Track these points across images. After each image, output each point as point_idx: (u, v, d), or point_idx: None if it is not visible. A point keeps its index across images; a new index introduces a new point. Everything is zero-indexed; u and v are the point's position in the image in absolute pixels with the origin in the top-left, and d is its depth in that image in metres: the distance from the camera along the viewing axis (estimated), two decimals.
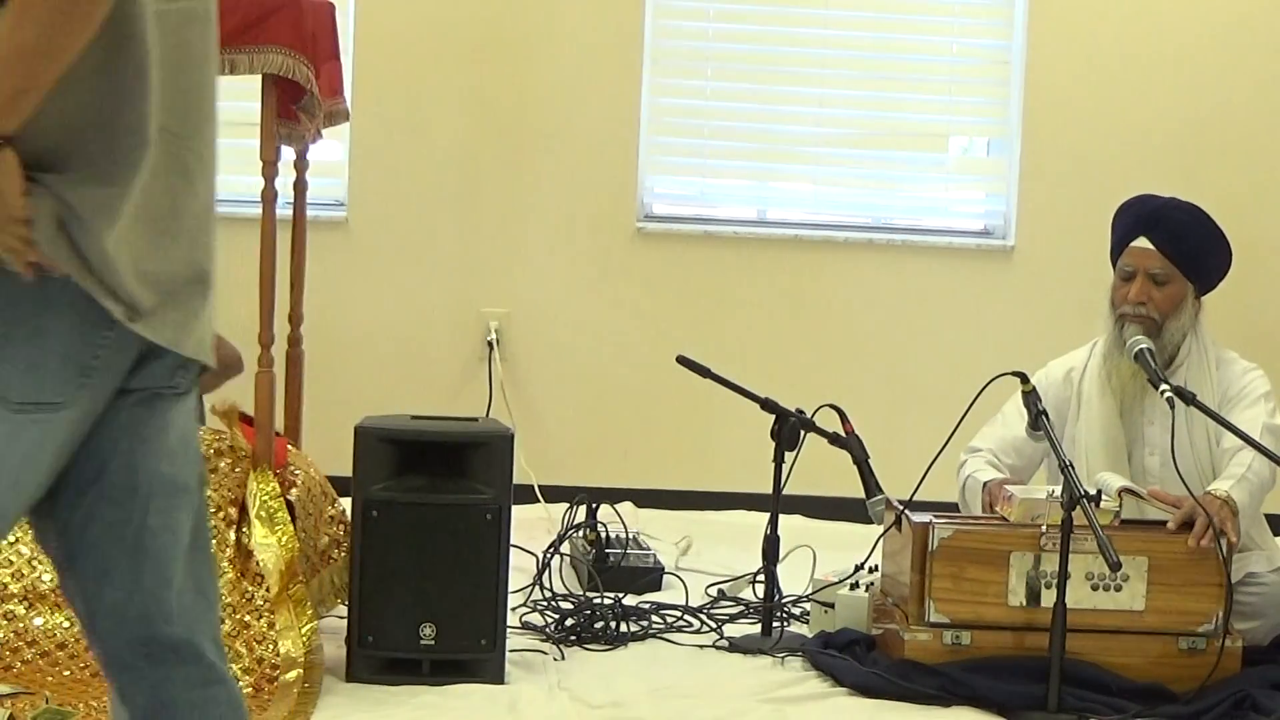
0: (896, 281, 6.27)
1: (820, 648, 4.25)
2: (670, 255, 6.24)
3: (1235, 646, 4.06)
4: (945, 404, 4.56)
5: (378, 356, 6.14)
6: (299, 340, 4.83)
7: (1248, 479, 4.17)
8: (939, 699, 3.95)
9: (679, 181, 6.40)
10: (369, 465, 4.01)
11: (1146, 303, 4.35)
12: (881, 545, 4.37)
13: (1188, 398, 4.15)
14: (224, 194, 6.57)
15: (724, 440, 6.09)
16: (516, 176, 6.16)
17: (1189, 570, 4.05)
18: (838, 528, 5.64)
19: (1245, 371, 4.42)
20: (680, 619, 4.62)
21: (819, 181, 6.38)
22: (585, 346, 6.22)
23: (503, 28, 6.13)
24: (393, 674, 3.99)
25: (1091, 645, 4.00)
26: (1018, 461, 4.47)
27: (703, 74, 6.27)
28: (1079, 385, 4.48)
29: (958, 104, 6.36)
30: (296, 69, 4.15)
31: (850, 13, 6.26)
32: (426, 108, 6.13)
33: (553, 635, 4.41)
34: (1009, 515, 4.13)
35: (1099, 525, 3.85)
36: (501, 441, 4.05)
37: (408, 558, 3.97)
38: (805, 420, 4.50)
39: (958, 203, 6.49)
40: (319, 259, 5.38)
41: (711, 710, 3.91)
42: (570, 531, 5.02)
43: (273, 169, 4.27)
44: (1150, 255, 4.37)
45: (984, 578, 4.03)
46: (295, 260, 4.80)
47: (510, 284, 6.19)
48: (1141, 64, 6.22)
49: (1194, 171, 5.97)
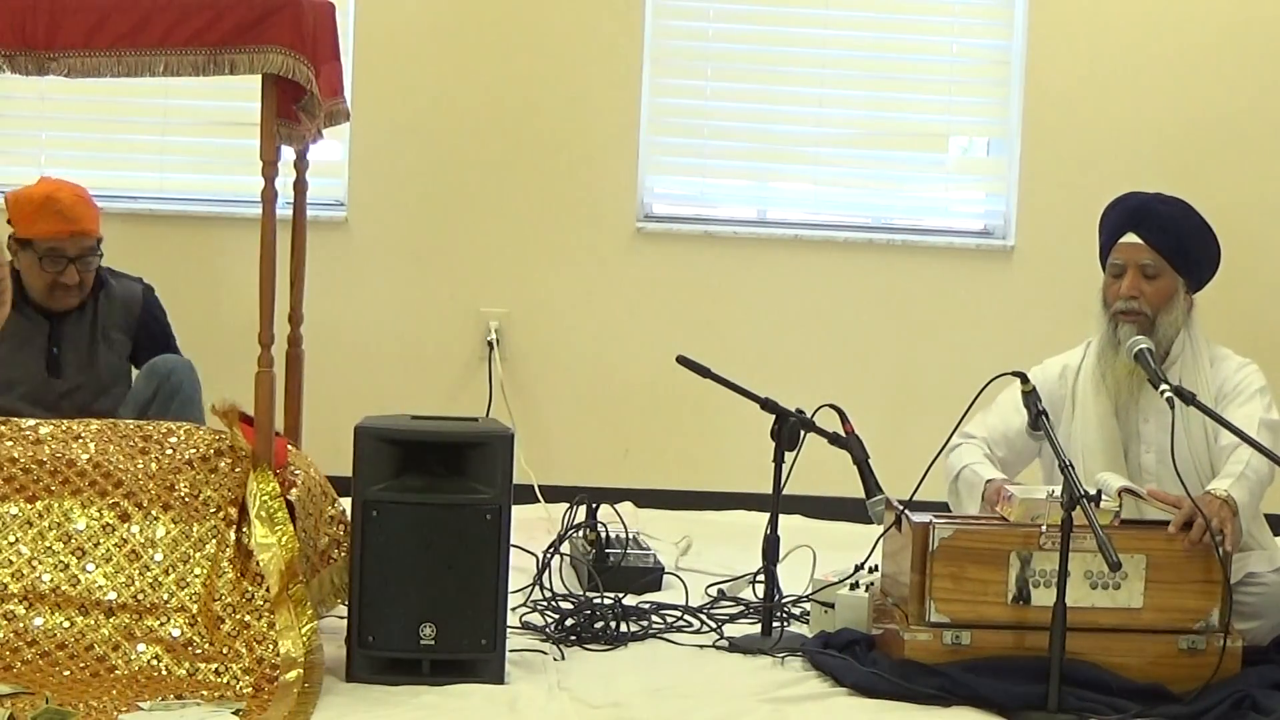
0: (896, 281, 6.27)
1: (820, 648, 4.25)
2: (670, 255, 6.24)
3: (1235, 646, 4.06)
4: (945, 404, 4.56)
5: (378, 356, 6.14)
6: (299, 340, 4.83)
7: (1246, 476, 4.17)
8: (939, 699, 3.95)
9: (679, 181, 6.41)
10: (369, 465, 4.01)
11: (1138, 297, 4.36)
12: (881, 545, 4.37)
13: (1187, 397, 4.15)
14: (224, 194, 6.60)
15: (724, 440, 6.10)
16: (516, 176, 6.17)
17: (1187, 568, 4.05)
18: (838, 528, 5.65)
19: (1240, 367, 4.42)
20: (680, 619, 4.62)
21: (819, 181, 6.38)
22: (585, 346, 6.22)
23: (503, 28, 6.14)
24: (393, 674, 3.99)
25: (1091, 645, 4.00)
26: (1009, 455, 4.47)
27: (703, 74, 6.28)
28: (1074, 384, 4.48)
29: (958, 104, 6.36)
30: (296, 69, 4.15)
31: (850, 13, 6.27)
32: (426, 108, 6.14)
33: (553, 635, 4.41)
34: (1009, 515, 4.12)
35: (1099, 525, 3.85)
36: (501, 441, 4.05)
37: (408, 558, 3.97)
38: (805, 420, 4.50)
39: (958, 203, 6.49)
40: (319, 259, 5.38)
41: (711, 710, 3.91)
42: (570, 531, 5.02)
43: (273, 169, 4.27)
44: (1139, 249, 4.38)
45: (984, 578, 4.03)
46: (295, 260, 4.80)
47: (510, 284, 6.19)
48: (1141, 64, 6.23)
49: (1193, 172, 5.97)
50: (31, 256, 4.91)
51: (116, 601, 3.96)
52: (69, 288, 4.94)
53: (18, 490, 4.08)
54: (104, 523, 4.06)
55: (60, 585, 3.97)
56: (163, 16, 4.15)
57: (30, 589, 3.96)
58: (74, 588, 3.97)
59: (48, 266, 4.91)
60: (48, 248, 4.89)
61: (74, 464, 4.14)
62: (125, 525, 4.06)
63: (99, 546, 4.03)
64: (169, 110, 6.17)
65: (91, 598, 3.96)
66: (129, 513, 4.08)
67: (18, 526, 4.04)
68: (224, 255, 6.04)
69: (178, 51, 4.16)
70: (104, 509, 4.08)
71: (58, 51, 4.16)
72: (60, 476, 4.11)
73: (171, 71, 4.18)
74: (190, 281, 5.86)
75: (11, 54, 4.17)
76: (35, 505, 4.07)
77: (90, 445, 4.20)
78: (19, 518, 4.05)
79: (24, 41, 4.16)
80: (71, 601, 3.95)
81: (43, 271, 4.91)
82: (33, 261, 4.91)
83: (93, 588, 3.97)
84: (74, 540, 4.04)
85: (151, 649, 3.90)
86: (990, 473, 4.35)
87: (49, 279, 4.92)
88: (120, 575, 4.00)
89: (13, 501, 4.06)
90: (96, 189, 6.10)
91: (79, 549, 4.03)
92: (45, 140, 6.21)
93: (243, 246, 5.74)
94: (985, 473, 4.35)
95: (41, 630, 3.92)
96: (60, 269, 4.91)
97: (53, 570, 3.99)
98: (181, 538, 4.06)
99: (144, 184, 6.18)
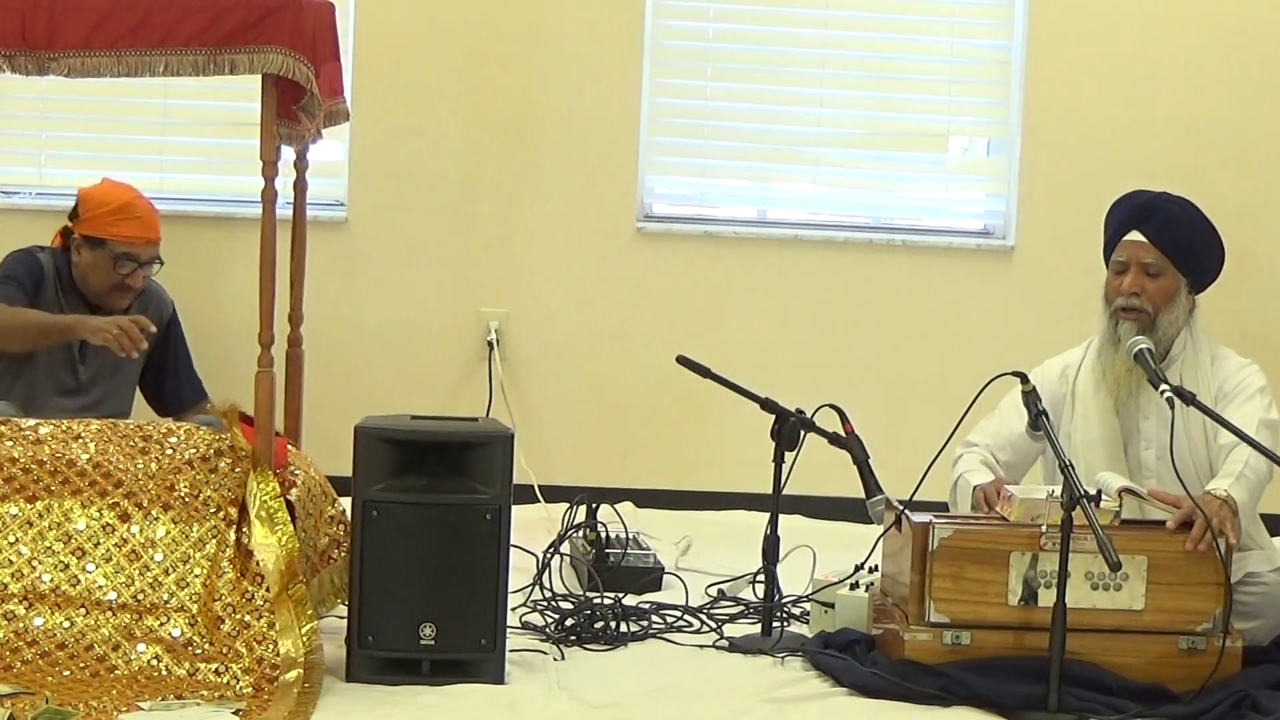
0: (896, 281, 6.27)
1: (820, 648, 4.25)
2: (670, 255, 6.24)
3: (1235, 646, 4.06)
4: (945, 404, 4.56)
5: (378, 356, 6.14)
6: (299, 340, 4.83)
7: (1246, 476, 4.17)
8: (939, 699, 3.95)
9: (679, 181, 6.40)
10: (369, 465, 4.01)
11: (1140, 294, 4.36)
12: (881, 545, 4.37)
13: (1187, 398, 4.15)
14: (224, 194, 6.59)
15: (724, 440, 6.10)
16: (516, 176, 6.17)
17: (1188, 569, 4.05)
18: (838, 528, 5.64)
19: (1240, 367, 4.42)
20: (680, 619, 4.62)
21: (819, 181, 6.38)
22: (585, 346, 6.22)
23: (503, 28, 6.14)
24: (393, 674, 3.99)
25: (1091, 645, 4.00)
26: (1013, 458, 4.48)
27: (703, 74, 6.27)
28: (1074, 383, 4.49)
29: (958, 104, 6.36)
30: (296, 69, 4.15)
31: (850, 13, 6.27)
32: (426, 108, 6.14)
33: (553, 635, 4.41)
34: (1009, 515, 4.13)
35: (1099, 525, 3.85)
36: (501, 441, 4.05)
37: (408, 558, 3.97)
38: (805, 420, 4.50)
39: (957, 203, 6.49)
40: (319, 259, 5.38)
41: (711, 710, 3.91)
42: (570, 531, 5.03)
43: (273, 169, 4.27)
44: (1143, 247, 4.38)
45: (984, 578, 4.03)
46: (295, 260, 4.80)
47: (510, 284, 6.19)
48: (1141, 64, 6.22)
49: (1193, 172, 5.97)
50: (102, 255, 5.09)
51: (116, 601, 3.96)
52: (130, 290, 5.13)
53: (18, 490, 4.08)
54: (104, 523, 4.06)
55: (60, 585, 3.97)
56: (163, 16, 4.15)
57: (30, 589, 3.96)
58: (74, 588, 3.97)
59: (121, 268, 5.09)
60: (123, 251, 5.09)
61: (74, 464, 4.14)
62: (125, 525, 4.06)
63: (99, 546, 4.03)
64: (169, 110, 6.17)
65: (91, 598, 3.96)
66: (129, 513, 4.08)
67: (18, 526, 4.04)
68: (224, 255, 6.04)
69: (178, 51, 4.17)
70: (104, 509, 4.08)
71: (58, 51, 4.17)
72: (60, 476, 4.11)
73: (171, 71, 4.18)
74: (190, 281, 5.85)
75: (11, 54, 4.17)
76: (35, 505, 4.07)
77: (90, 445, 4.20)
78: (19, 518, 4.05)
79: (24, 41, 4.16)
80: (71, 601, 3.95)
81: (113, 272, 5.09)
82: (102, 260, 5.09)
83: (93, 588, 3.97)
84: (74, 540, 4.04)
85: (151, 649, 3.90)
86: (980, 479, 4.35)
87: (116, 280, 5.10)
88: (120, 575, 4.00)
89: (13, 501, 4.06)
90: None
91: (79, 549, 4.03)
92: (45, 140, 6.21)
93: (243, 246, 5.76)
94: (974, 479, 4.36)
95: (41, 630, 3.92)
96: (128, 272, 5.09)
97: (53, 570, 3.99)
98: (181, 538, 4.06)
99: (144, 184, 6.13)
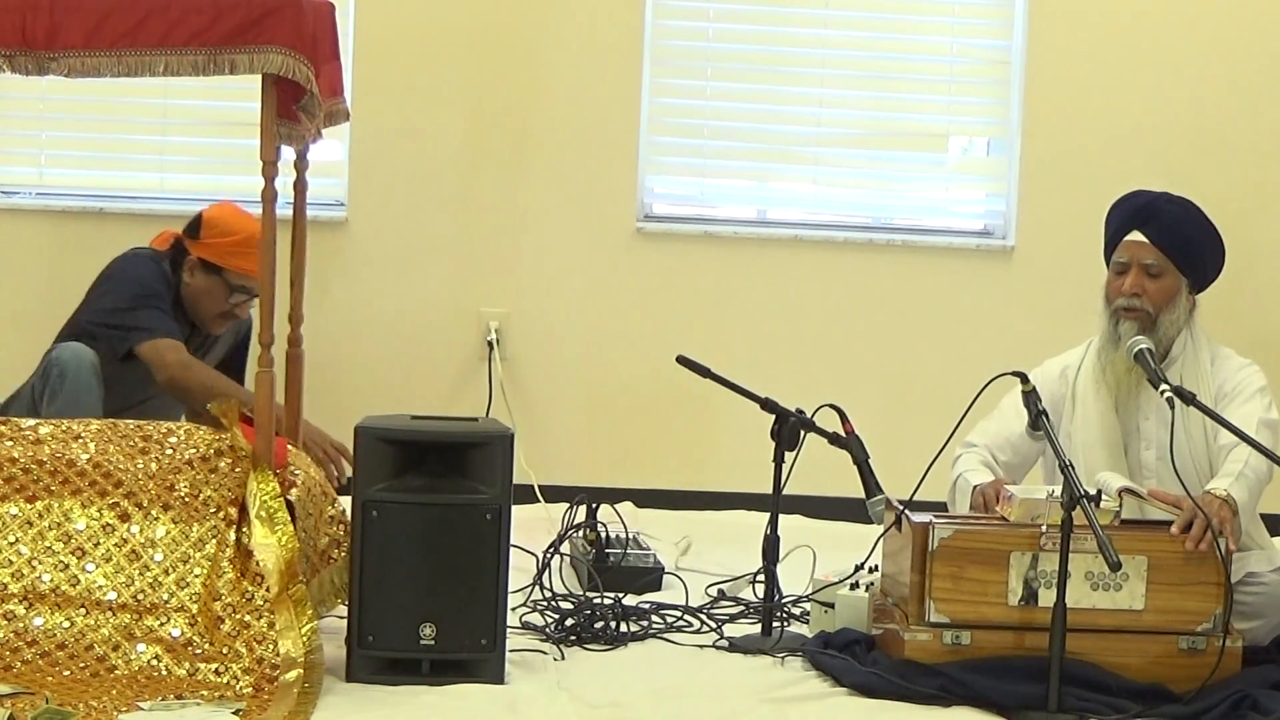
0: (896, 281, 6.27)
1: (820, 648, 4.25)
2: (670, 255, 6.24)
3: (1235, 646, 4.06)
4: (945, 404, 4.56)
5: (378, 356, 6.14)
6: (299, 340, 4.83)
7: (1246, 475, 4.17)
8: (939, 699, 3.95)
9: (679, 181, 6.41)
10: (369, 465, 4.01)
11: (1140, 294, 4.37)
12: (881, 545, 4.37)
13: (1187, 398, 4.15)
14: (224, 194, 6.59)
15: (724, 440, 6.10)
16: (516, 176, 6.17)
17: (1188, 570, 4.04)
18: (838, 528, 5.65)
19: (1241, 367, 4.43)
20: (680, 619, 4.62)
21: (819, 181, 6.38)
22: (585, 346, 6.22)
23: (503, 28, 6.14)
24: (393, 674, 3.99)
25: (1091, 645, 4.00)
26: (1013, 459, 4.48)
27: (703, 74, 6.28)
28: (1074, 383, 4.49)
29: (958, 104, 6.36)
30: (296, 69, 4.15)
31: (850, 13, 6.28)
32: (426, 108, 6.14)
33: (553, 635, 4.41)
34: (1009, 515, 4.12)
35: (1099, 525, 3.85)
36: (501, 441, 4.05)
37: (408, 558, 3.97)
38: (805, 420, 4.50)
39: (957, 203, 6.50)
40: (319, 259, 5.38)
41: (711, 710, 3.91)
42: (570, 531, 5.03)
43: (273, 169, 4.26)
44: (1144, 248, 4.38)
45: (984, 578, 4.03)
46: (295, 260, 4.79)
47: (510, 284, 6.19)
48: (1141, 64, 6.23)
49: (1194, 172, 5.97)
50: (217, 284, 5.18)
51: (116, 601, 3.96)
52: (234, 319, 5.26)
53: (18, 490, 4.08)
54: (104, 523, 4.06)
55: (60, 585, 3.97)
56: (163, 16, 4.15)
57: (30, 589, 3.96)
58: (74, 588, 3.97)
59: (235, 298, 5.19)
60: (240, 284, 5.17)
61: (74, 464, 4.14)
62: (125, 525, 4.06)
63: (99, 546, 4.03)
64: (169, 110, 6.17)
65: (91, 598, 3.96)
66: (129, 513, 4.08)
67: (18, 526, 4.04)
68: None
69: (178, 51, 4.16)
70: (104, 509, 4.08)
71: (58, 51, 4.16)
72: (60, 476, 4.11)
73: (171, 71, 4.18)
74: None
75: (11, 54, 4.17)
76: (35, 505, 4.07)
77: (90, 445, 4.20)
78: (19, 518, 4.05)
79: (24, 41, 4.15)
80: (71, 601, 3.95)
81: (225, 301, 5.20)
82: (217, 289, 5.19)
83: (93, 588, 3.97)
84: (74, 540, 4.04)
85: (151, 649, 3.90)
86: (979, 479, 4.36)
87: (225, 308, 5.21)
88: (120, 575, 4.00)
89: (13, 501, 4.06)
90: (96, 189, 6.14)
91: (79, 549, 4.03)
92: (45, 140, 6.22)
93: None
94: (974, 479, 4.36)
95: (41, 630, 3.92)
96: (239, 303, 5.20)
97: (53, 570, 3.99)
98: (181, 538, 4.06)
99: (144, 184, 6.19)
